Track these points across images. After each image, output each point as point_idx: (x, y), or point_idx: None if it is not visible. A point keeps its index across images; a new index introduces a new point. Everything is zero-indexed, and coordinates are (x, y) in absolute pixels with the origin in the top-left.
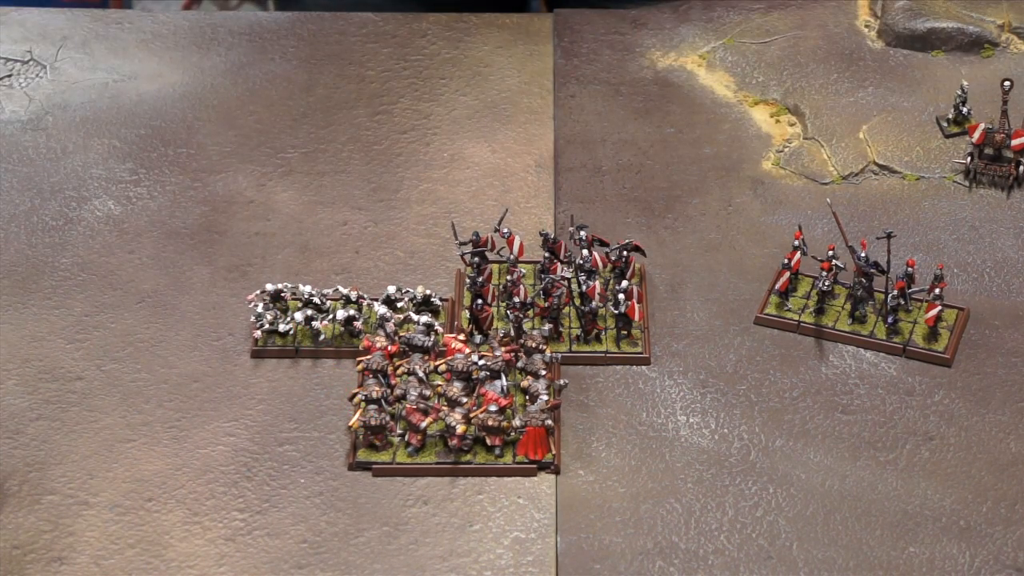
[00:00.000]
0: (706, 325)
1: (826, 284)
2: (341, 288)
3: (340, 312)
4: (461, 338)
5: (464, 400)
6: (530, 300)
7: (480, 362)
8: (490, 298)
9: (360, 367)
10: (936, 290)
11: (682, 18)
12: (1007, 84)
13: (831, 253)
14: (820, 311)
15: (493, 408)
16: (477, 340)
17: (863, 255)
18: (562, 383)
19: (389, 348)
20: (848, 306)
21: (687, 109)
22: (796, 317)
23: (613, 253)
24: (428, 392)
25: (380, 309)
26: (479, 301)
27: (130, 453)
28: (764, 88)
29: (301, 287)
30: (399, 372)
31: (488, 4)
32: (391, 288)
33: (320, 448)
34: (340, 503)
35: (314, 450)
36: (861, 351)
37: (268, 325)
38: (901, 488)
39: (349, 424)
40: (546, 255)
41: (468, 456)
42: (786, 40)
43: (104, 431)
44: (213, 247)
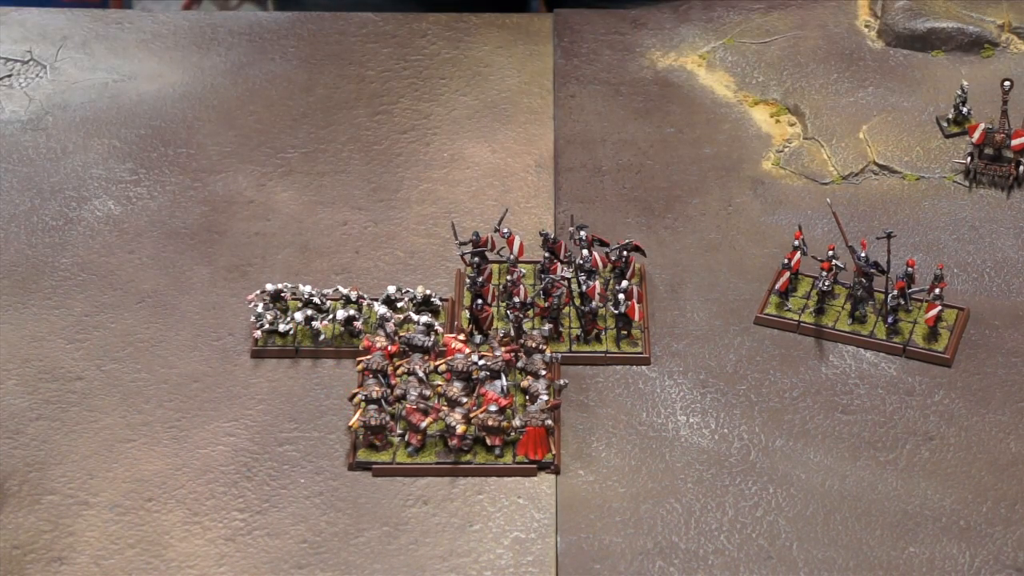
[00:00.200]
0: (706, 325)
1: (826, 284)
2: (341, 288)
3: (340, 312)
4: (461, 338)
5: (464, 400)
6: (530, 300)
7: (480, 362)
8: (490, 298)
9: (360, 367)
10: (936, 290)
11: (682, 18)
12: (1007, 84)
13: (831, 253)
14: (820, 311)
15: (493, 408)
16: (477, 340)
17: (863, 255)
18: (562, 383)
19: (389, 348)
20: (848, 306)
21: (687, 109)
22: (796, 317)
23: (613, 253)
24: (428, 392)
25: (380, 309)
26: (479, 301)
27: (130, 453)
28: (764, 88)
29: (301, 287)
30: (399, 372)
31: (488, 4)
32: (391, 288)
33: (320, 448)
34: (340, 503)
35: (314, 450)
36: (861, 351)
37: (268, 325)
38: (901, 488)
39: (349, 424)
40: (546, 255)
41: (468, 456)
42: (786, 40)
43: (104, 431)
44: (213, 247)
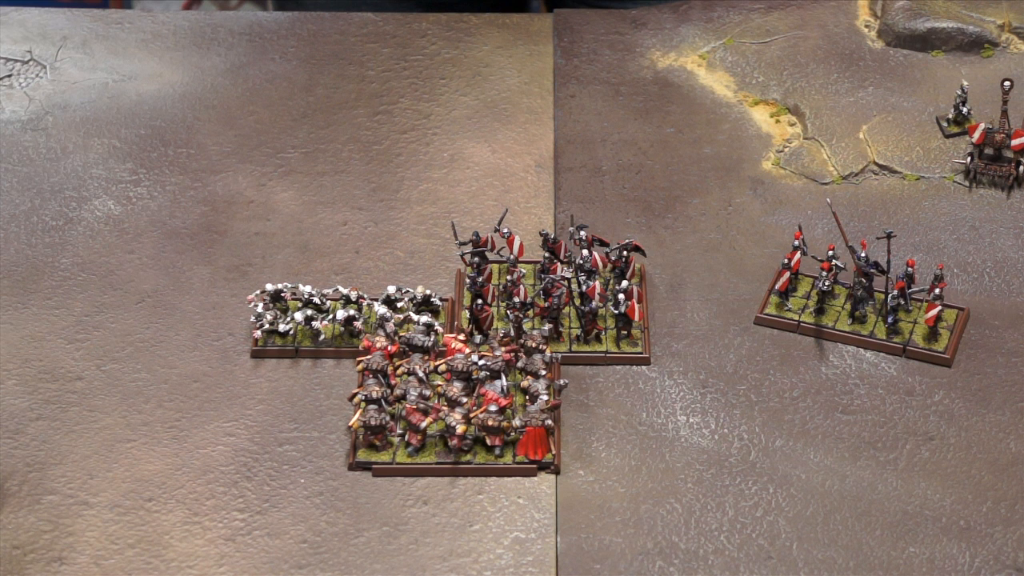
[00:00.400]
0: (706, 325)
1: (826, 284)
2: (341, 288)
3: (340, 312)
4: (461, 338)
5: (464, 400)
6: (530, 300)
7: (480, 362)
8: (490, 298)
9: (360, 367)
10: (936, 290)
11: (682, 18)
12: (1007, 84)
13: (831, 253)
14: (820, 311)
15: (493, 408)
16: (477, 340)
17: (863, 255)
18: (562, 383)
19: (389, 348)
20: (848, 306)
21: (687, 109)
22: (796, 317)
23: (613, 253)
24: (428, 392)
25: (380, 309)
26: (479, 301)
27: (130, 453)
28: (764, 88)
29: (301, 287)
30: (399, 372)
31: (488, 4)
32: (391, 288)
33: (320, 448)
34: (340, 503)
35: (314, 450)
36: (861, 351)
37: (268, 325)
38: (901, 488)
39: (349, 424)
40: (546, 255)
41: (468, 456)
42: (786, 40)
43: (104, 431)
44: (213, 247)
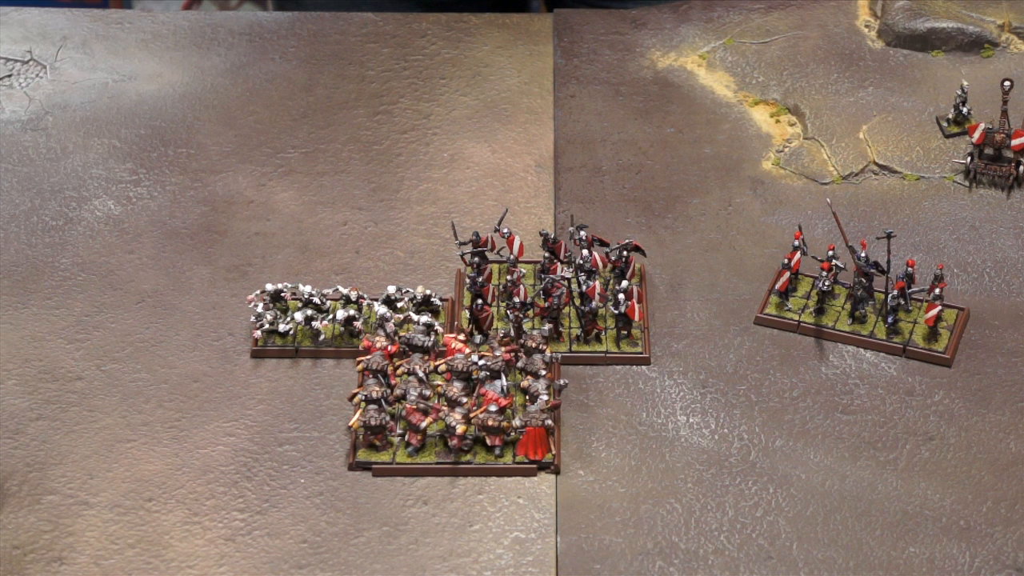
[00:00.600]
0: (706, 325)
1: (826, 284)
2: (341, 288)
3: (340, 312)
4: (461, 338)
5: (464, 400)
6: (530, 300)
7: (480, 362)
8: (490, 298)
9: (360, 367)
10: (936, 290)
11: (682, 18)
12: (1007, 84)
13: (831, 253)
14: (820, 311)
15: (493, 408)
16: (477, 340)
17: (863, 255)
18: (562, 383)
19: (389, 348)
20: (848, 306)
21: (687, 109)
22: (796, 317)
23: (613, 253)
24: (428, 392)
25: (380, 309)
26: (479, 301)
27: (130, 453)
28: (764, 88)
29: (301, 287)
30: (399, 372)
31: (488, 4)
32: (391, 288)
33: (320, 448)
34: (340, 503)
35: (314, 450)
36: (861, 351)
37: (268, 325)
38: (901, 488)
39: (349, 424)
40: (546, 255)
41: (468, 456)
42: (786, 40)
43: (104, 431)
44: (213, 247)
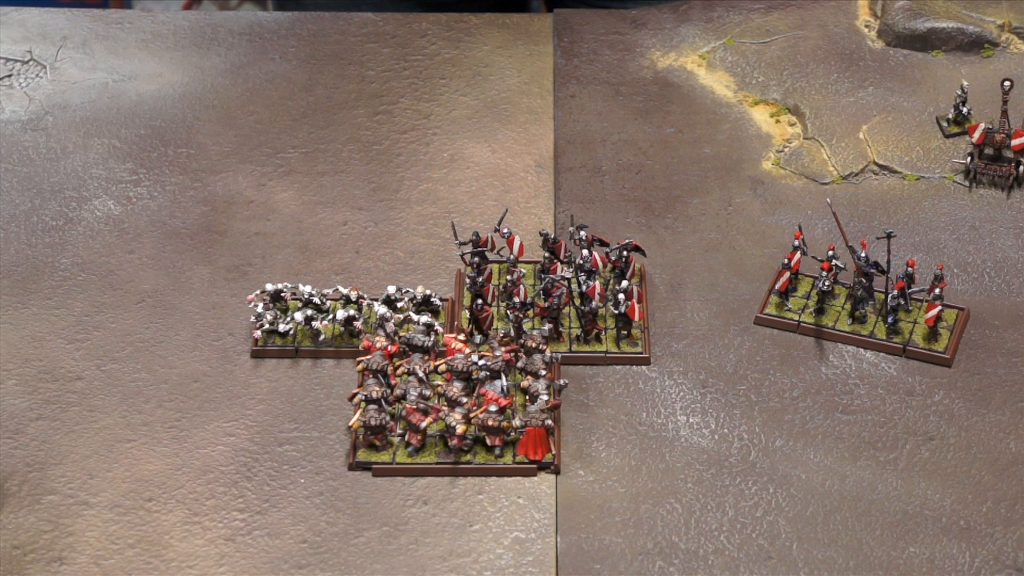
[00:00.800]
0: (706, 325)
1: (826, 284)
2: (341, 288)
3: (340, 312)
4: (461, 338)
5: (464, 400)
6: (530, 300)
7: (480, 362)
8: (490, 298)
9: (360, 367)
10: (936, 290)
11: (682, 18)
12: (1007, 84)
13: (831, 253)
14: (820, 311)
15: (493, 408)
16: (477, 340)
17: (863, 255)
18: (562, 383)
19: (389, 348)
20: (848, 306)
21: (687, 109)
22: (796, 317)
23: (613, 253)
24: (428, 392)
25: (380, 309)
26: (479, 301)
27: (130, 453)
28: (764, 88)
29: (301, 287)
30: (399, 372)
31: (488, 4)
32: (391, 288)
33: (320, 448)
34: (340, 503)
35: (314, 450)
36: (861, 351)
37: (268, 325)
38: (901, 488)
39: (349, 424)
40: (546, 255)
41: (468, 456)
42: (786, 40)
43: (104, 431)
44: (213, 247)
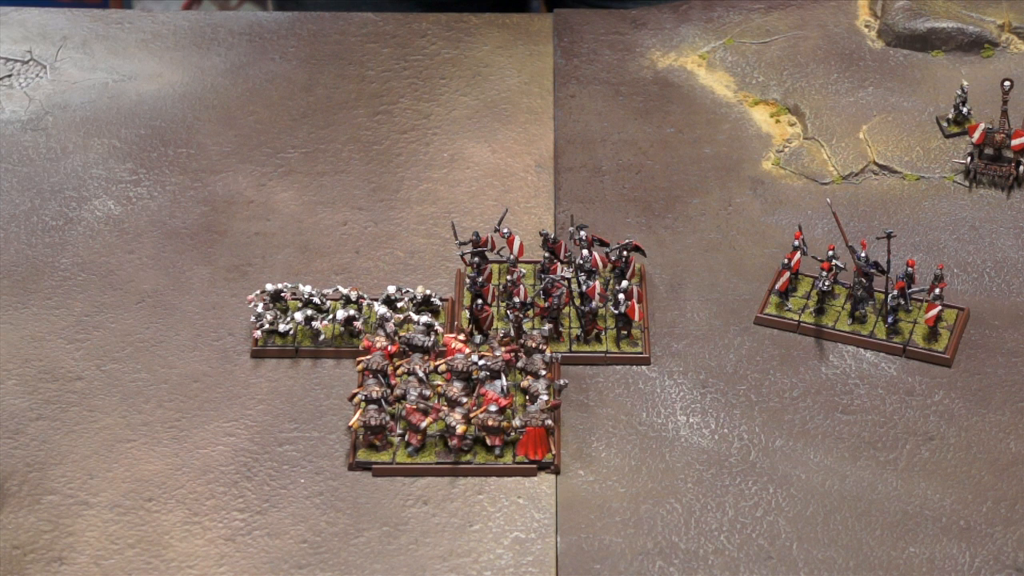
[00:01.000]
0: (706, 325)
1: (826, 284)
2: (341, 288)
3: (340, 312)
4: (461, 338)
5: (464, 400)
6: (530, 300)
7: (480, 362)
8: (490, 298)
9: (360, 367)
10: (936, 290)
11: (682, 18)
12: (1007, 84)
13: (831, 253)
14: (820, 311)
15: (493, 408)
16: (477, 340)
17: (863, 255)
18: (562, 383)
19: (389, 348)
20: (848, 306)
21: (687, 109)
22: (796, 317)
23: (613, 253)
24: (428, 392)
25: (380, 309)
26: (479, 301)
27: (130, 453)
28: (764, 88)
29: (301, 287)
30: (399, 372)
31: (488, 4)
32: (391, 288)
33: (320, 448)
34: (340, 503)
35: (314, 450)
36: (861, 351)
37: (268, 325)
38: (901, 488)
39: (349, 424)
40: (546, 255)
41: (468, 456)
42: (786, 40)
43: (104, 431)
44: (213, 247)
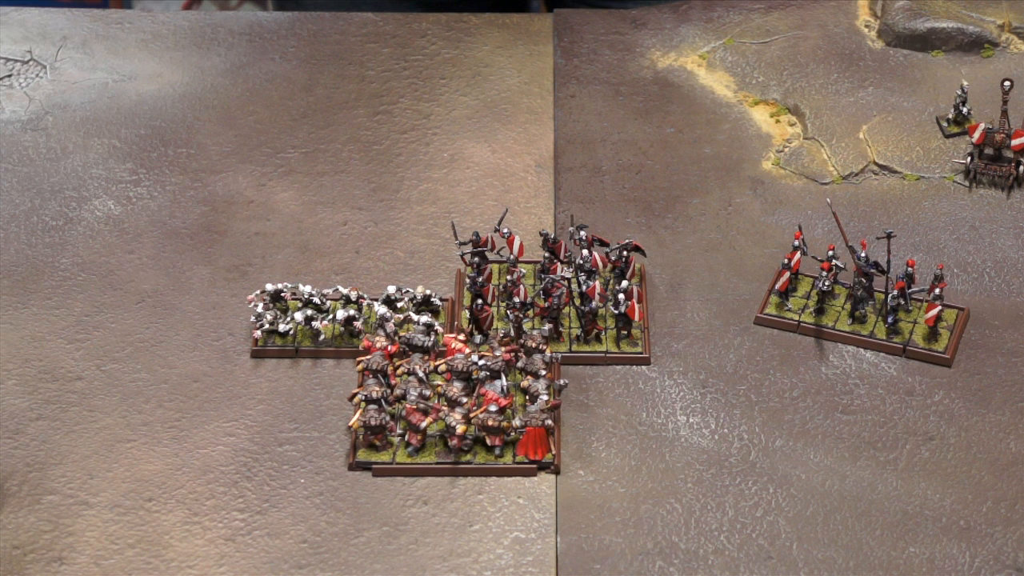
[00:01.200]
0: (706, 325)
1: (826, 284)
2: (341, 288)
3: (340, 312)
4: (461, 338)
5: (464, 400)
6: (530, 300)
7: (480, 362)
8: (490, 298)
9: (360, 367)
10: (936, 290)
11: (682, 18)
12: (1007, 84)
13: (831, 253)
14: (820, 311)
15: (493, 408)
16: (477, 340)
17: (863, 255)
18: (562, 383)
19: (389, 348)
20: (848, 306)
21: (687, 109)
22: (796, 317)
23: (613, 253)
24: (428, 392)
25: (380, 309)
26: (479, 301)
27: (130, 453)
28: (764, 88)
29: (301, 287)
30: (399, 372)
31: (488, 4)
32: (391, 288)
33: (320, 448)
34: (340, 503)
35: (314, 450)
36: (861, 351)
37: (268, 325)
38: (901, 488)
39: (349, 424)
40: (546, 255)
41: (468, 456)
42: (786, 40)
43: (104, 431)
44: (213, 247)
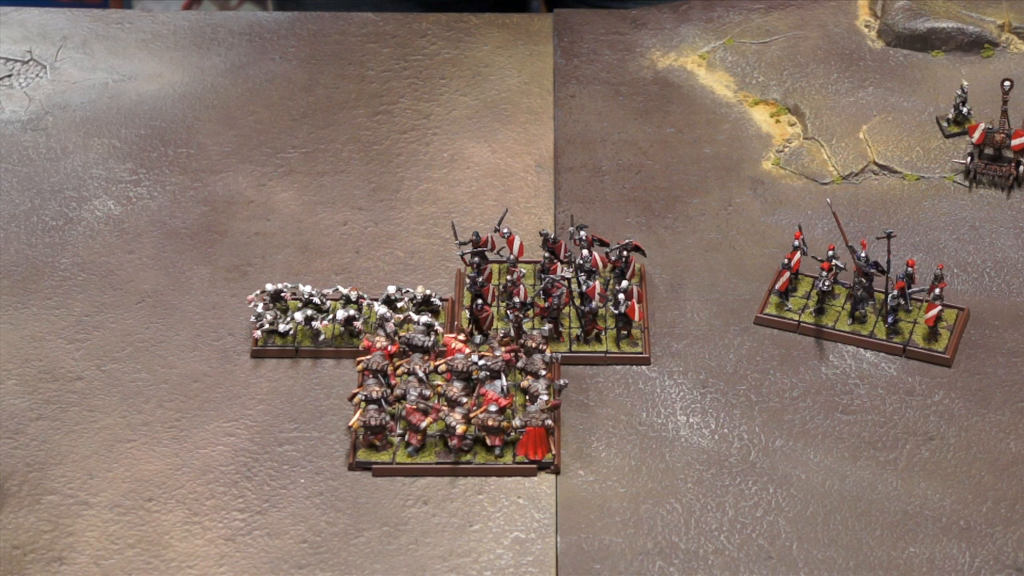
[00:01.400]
0: (706, 325)
1: (826, 284)
2: (341, 288)
3: (340, 312)
4: (461, 338)
5: (464, 400)
6: (530, 300)
7: (480, 362)
8: (490, 298)
9: (360, 367)
10: (936, 290)
11: (682, 18)
12: (1007, 84)
13: (831, 253)
14: (820, 311)
15: (493, 408)
16: (477, 340)
17: (863, 255)
18: (562, 383)
19: (389, 348)
20: (848, 306)
21: (687, 109)
22: (796, 317)
23: (613, 253)
24: (428, 392)
25: (380, 309)
26: (479, 301)
27: (130, 453)
28: (764, 88)
29: (301, 287)
30: (399, 372)
31: (488, 4)
32: (391, 288)
33: (320, 448)
34: (340, 503)
35: (314, 450)
36: (861, 351)
37: (268, 325)
38: (901, 488)
39: (349, 424)
40: (546, 255)
41: (468, 456)
42: (786, 40)
43: (104, 431)
44: (213, 247)
